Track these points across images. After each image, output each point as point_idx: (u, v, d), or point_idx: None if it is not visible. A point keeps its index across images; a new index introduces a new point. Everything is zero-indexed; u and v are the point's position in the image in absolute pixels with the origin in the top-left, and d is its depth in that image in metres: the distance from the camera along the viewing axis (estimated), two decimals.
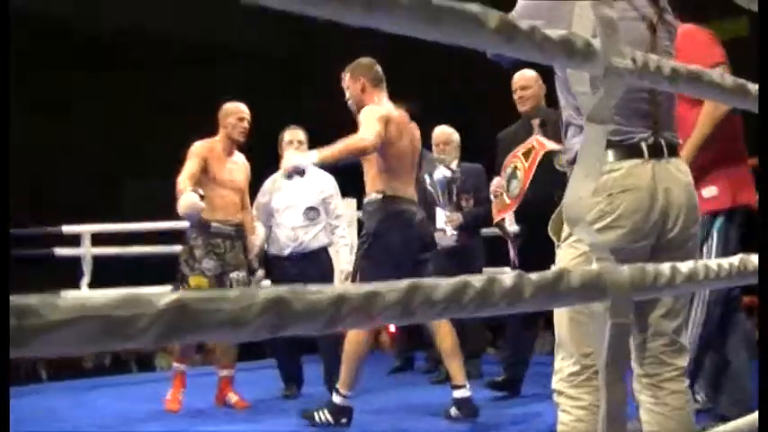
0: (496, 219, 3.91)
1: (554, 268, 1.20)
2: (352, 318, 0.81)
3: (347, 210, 5.64)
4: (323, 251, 4.59)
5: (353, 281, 3.57)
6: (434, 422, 3.68)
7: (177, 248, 4.36)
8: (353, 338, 3.47)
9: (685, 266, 1.27)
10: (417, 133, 3.71)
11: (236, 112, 4.16)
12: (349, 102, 3.63)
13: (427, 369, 5.35)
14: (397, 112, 3.57)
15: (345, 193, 5.78)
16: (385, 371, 5.48)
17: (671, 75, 1.26)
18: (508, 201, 3.70)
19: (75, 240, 5.50)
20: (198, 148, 4.07)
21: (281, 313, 0.75)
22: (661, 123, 1.75)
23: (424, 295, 0.88)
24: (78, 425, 3.84)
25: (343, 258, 4.55)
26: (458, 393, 3.57)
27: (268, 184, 4.56)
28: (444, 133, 4.80)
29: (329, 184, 4.58)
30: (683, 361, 1.80)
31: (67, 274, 5.35)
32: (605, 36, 1.12)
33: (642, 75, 1.16)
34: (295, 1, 0.81)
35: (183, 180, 3.90)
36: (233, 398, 4.28)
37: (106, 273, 5.37)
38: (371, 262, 3.48)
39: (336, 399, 3.50)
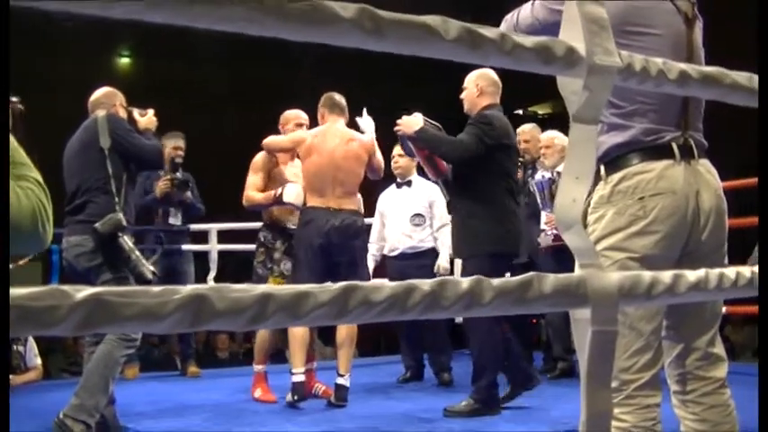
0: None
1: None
2: (278, 317, 0.86)
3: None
4: (430, 252, 4.94)
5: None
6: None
7: None
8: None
9: (693, 274, 1.23)
10: (355, 149, 4.20)
11: (294, 119, 4.45)
12: None
13: (544, 369, 5.44)
14: (326, 133, 4.19)
15: None
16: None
17: (678, 78, 1.23)
18: None
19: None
20: (261, 160, 4.42)
21: (199, 310, 0.82)
22: (690, 123, 1.69)
23: (362, 296, 0.92)
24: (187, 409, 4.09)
25: (443, 257, 4.89)
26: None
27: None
28: (547, 137, 4.95)
29: (434, 192, 4.78)
30: (721, 372, 1.72)
31: (196, 268, 5.62)
32: (590, 34, 1.11)
33: (628, 75, 1.14)
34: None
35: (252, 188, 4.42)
36: (320, 387, 4.50)
37: (230, 268, 5.63)
38: (296, 262, 4.16)
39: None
